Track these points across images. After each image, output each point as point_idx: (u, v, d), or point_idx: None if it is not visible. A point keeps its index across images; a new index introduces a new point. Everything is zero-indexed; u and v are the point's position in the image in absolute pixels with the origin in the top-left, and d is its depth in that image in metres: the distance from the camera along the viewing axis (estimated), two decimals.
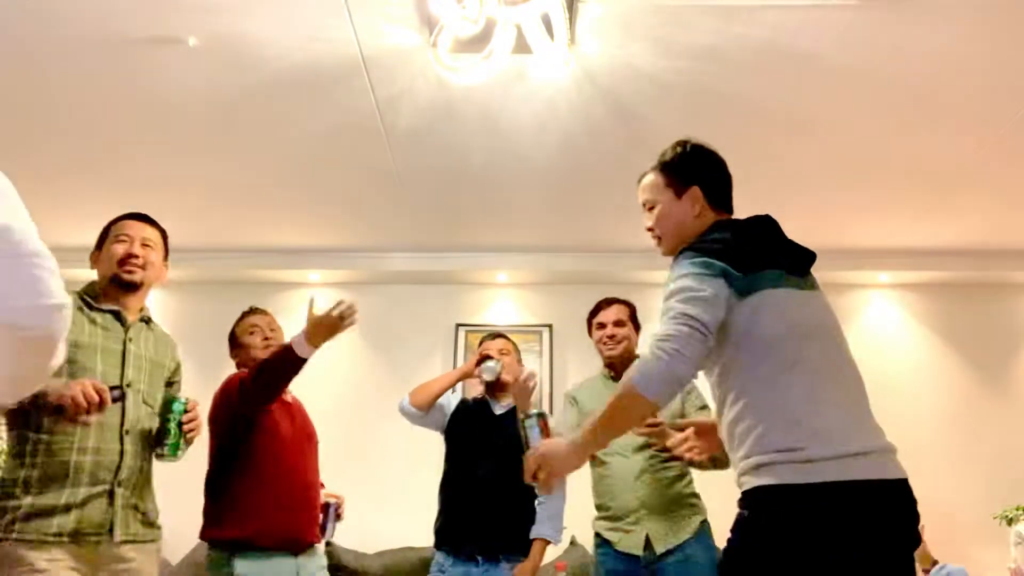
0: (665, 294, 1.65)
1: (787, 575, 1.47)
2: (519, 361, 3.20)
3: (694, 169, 1.88)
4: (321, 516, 2.75)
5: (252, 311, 2.91)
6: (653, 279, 4.55)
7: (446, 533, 2.96)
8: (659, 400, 1.58)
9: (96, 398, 1.92)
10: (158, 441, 2.21)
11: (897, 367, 4.77)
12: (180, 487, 2.71)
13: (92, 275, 2.40)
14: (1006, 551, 3.98)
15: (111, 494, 2.13)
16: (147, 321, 2.39)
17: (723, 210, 1.87)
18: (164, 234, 2.42)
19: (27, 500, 2.02)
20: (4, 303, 1.15)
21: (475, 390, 3.30)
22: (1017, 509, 4.16)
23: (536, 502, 2.93)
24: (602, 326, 2.95)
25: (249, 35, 2.81)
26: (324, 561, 2.74)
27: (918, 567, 3.47)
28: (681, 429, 2.10)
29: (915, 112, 3.25)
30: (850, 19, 2.69)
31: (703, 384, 1.95)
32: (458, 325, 4.86)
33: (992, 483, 4.40)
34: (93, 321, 2.23)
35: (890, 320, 4.90)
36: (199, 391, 2.62)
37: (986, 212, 4.19)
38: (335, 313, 2.43)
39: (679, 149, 1.94)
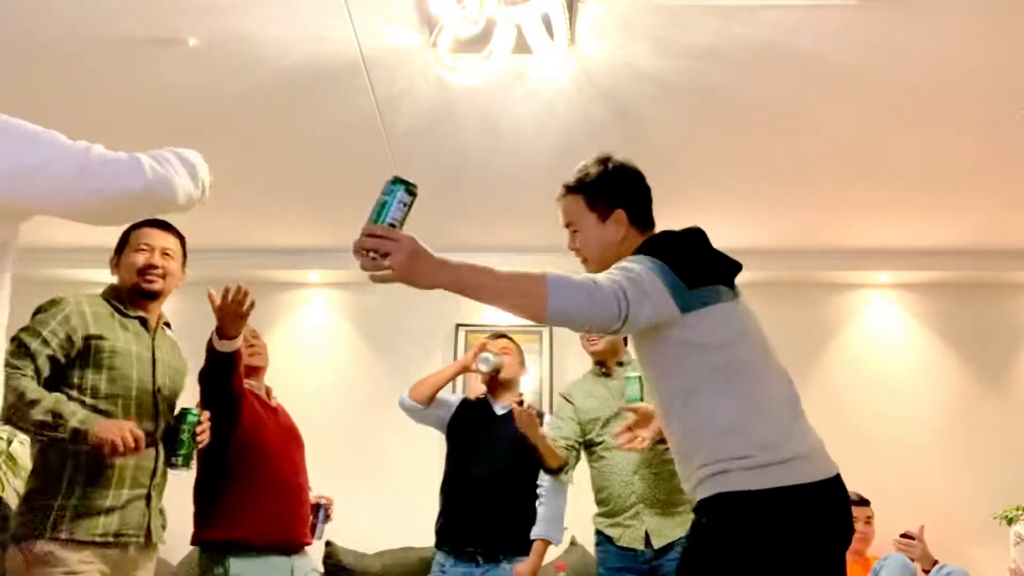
0: (615, 265, 1.64)
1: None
2: (521, 363, 3.20)
3: (617, 191, 1.84)
4: (311, 517, 2.77)
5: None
6: None
7: (447, 533, 2.96)
8: (552, 312, 1.54)
9: (133, 444, 2.00)
10: (171, 451, 2.24)
11: (897, 367, 4.76)
12: (180, 488, 2.71)
13: (91, 275, 2.44)
14: (1006, 551, 3.98)
15: (148, 498, 2.20)
16: (167, 325, 2.48)
17: (647, 228, 1.85)
18: (183, 240, 2.46)
19: (72, 501, 2.05)
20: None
21: (477, 390, 3.30)
22: (1017, 509, 4.15)
23: (537, 503, 2.93)
24: None
25: (249, 35, 2.81)
26: (317, 564, 2.76)
27: (919, 568, 3.47)
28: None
29: (915, 112, 3.25)
30: (850, 19, 2.69)
31: None
32: (458, 325, 4.86)
33: (992, 483, 4.40)
34: (125, 328, 2.27)
35: (890, 320, 4.89)
36: (199, 391, 2.63)
37: (986, 212, 4.19)
38: (229, 300, 2.37)
39: (601, 169, 1.89)
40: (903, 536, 3.47)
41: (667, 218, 2.33)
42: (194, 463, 2.30)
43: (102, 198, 1.35)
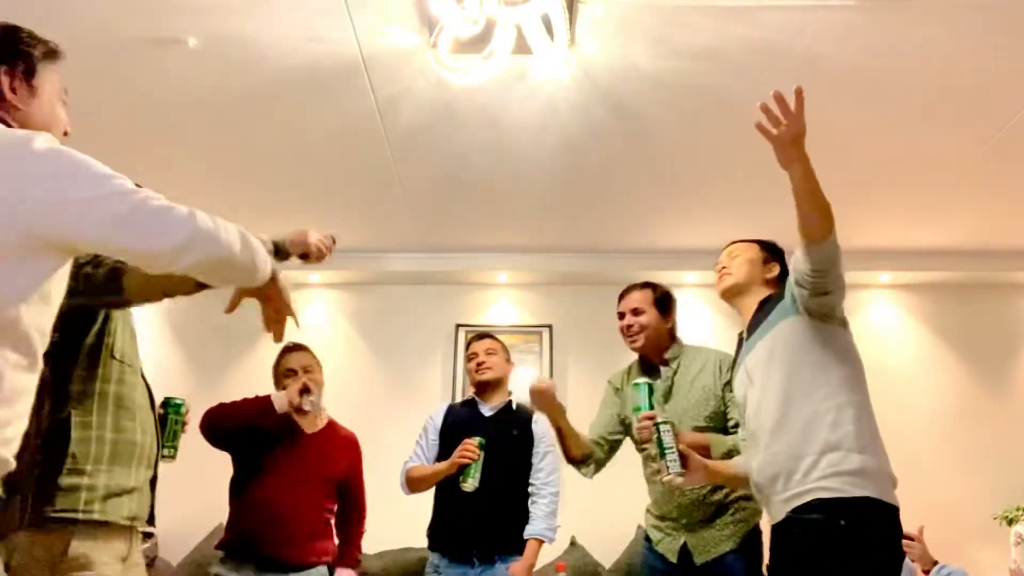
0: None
1: None
2: (508, 360, 3.17)
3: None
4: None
5: (290, 348, 2.98)
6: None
7: (440, 535, 2.95)
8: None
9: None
10: (161, 443, 2.19)
11: (897, 367, 4.76)
12: (181, 488, 2.71)
13: None
14: (1006, 551, 3.97)
15: (154, 479, 2.03)
16: None
17: None
18: None
19: (101, 479, 1.84)
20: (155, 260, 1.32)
21: (470, 390, 3.29)
22: (1017, 509, 4.16)
23: (530, 501, 2.92)
24: (621, 316, 2.73)
25: (249, 36, 2.81)
26: None
27: (918, 568, 3.46)
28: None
29: (915, 112, 3.25)
30: (850, 19, 2.69)
31: None
32: (458, 326, 4.86)
33: (992, 483, 4.40)
34: None
35: (890, 320, 4.90)
36: (200, 391, 2.63)
37: (986, 212, 4.19)
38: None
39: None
40: (902, 537, 3.46)
41: (667, 217, 2.33)
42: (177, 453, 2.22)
43: (146, 244, 1.32)
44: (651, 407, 2.29)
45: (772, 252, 2.33)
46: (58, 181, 1.27)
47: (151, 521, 2.04)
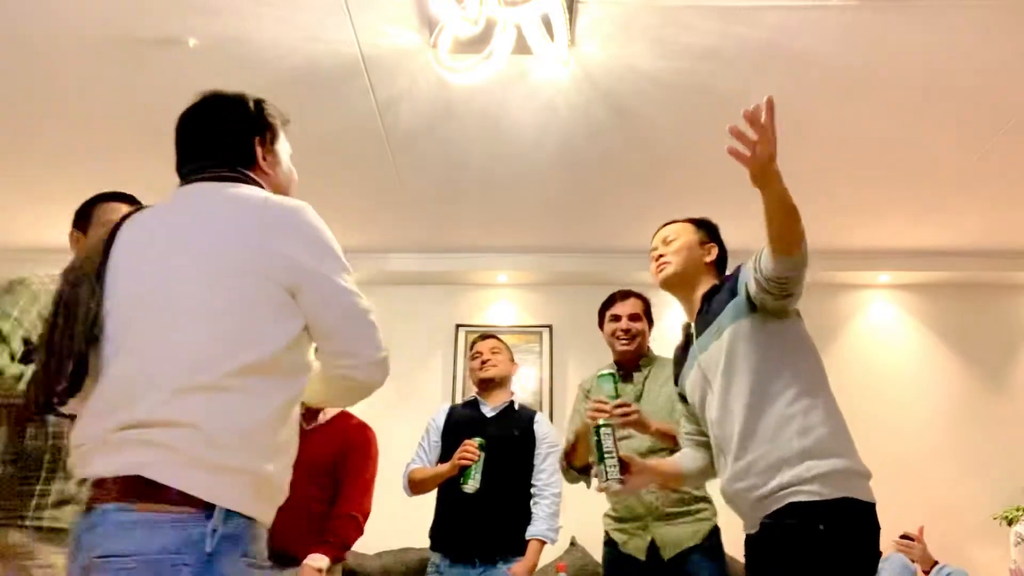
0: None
1: None
2: (512, 359, 3.18)
3: None
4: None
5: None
6: (648, 281, 4.55)
7: (442, 535, 2.95)
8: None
9: None
10: None
11: (897, 367, 4.77)
12: None
13: None
14: (1006, 551, 3.97)
15: None
16: None
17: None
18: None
19: (55, 486, 1.97)
20: (348, 359, 1.44)
21: (471, 390, 3.29)
22: (1017, 510, 4.16)
23: (532, 502, 2.92)
24: (616, 318, 2.78)
25: (249, 36, 2.81)
26: None
27: (918, 568, 3.46)
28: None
29: (915, 113, 3.25)
30: (850, 19, 2.69)
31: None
32: (458, 326, 4.86)
33: (992, 483, 4.40)
34: None
35: (890, 320, 4.90)
36: None
37: (986, 212, 4.19)
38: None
39: None
40: (902, 537, 3.47)
41: (666, 218, 2.33)
42: None
43: (366, 350, 1.45)
44: (616, 396, 2.25)
45: (709, 232, 2.27)
46: (324, 261, 1.40)
47: None
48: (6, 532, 1.94)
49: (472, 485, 2.76)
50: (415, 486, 3.00)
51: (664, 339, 2.66)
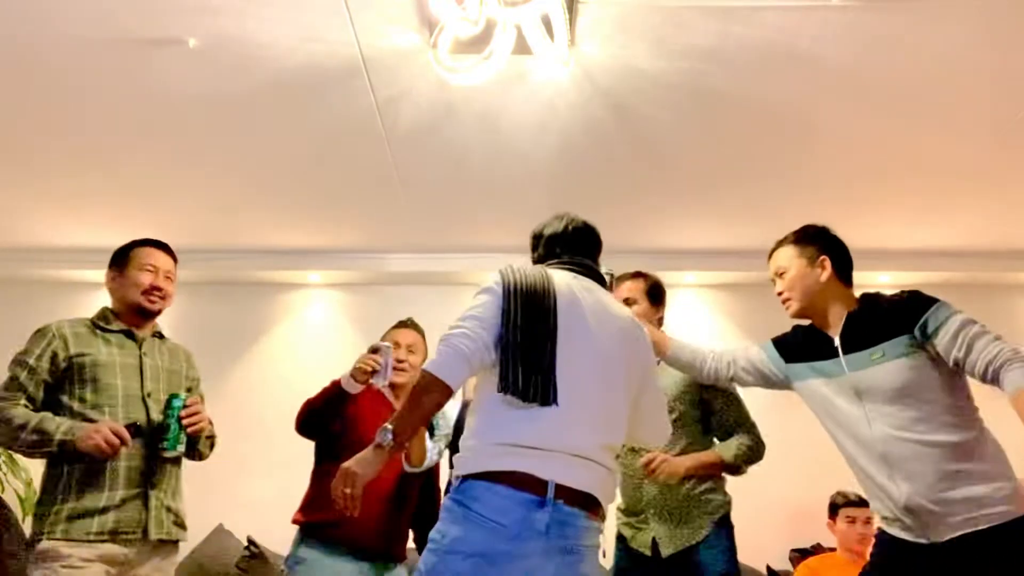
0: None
1: None
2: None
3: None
4: (379, 359, 2.59)
5: (400, 324, 3.02)
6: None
7: None
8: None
9: (117, 441, 2.15)
10: (159, 436, 2.30)
11: None
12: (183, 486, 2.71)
13: (91, 275, 2.47)
14: None
15: (145, 496, 2.28)
16: (159, 336, 2.56)
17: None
18: (176, 262, 2.63)
19: (69, 504, 2.19)
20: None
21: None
22: None
23: None
24: None
25: (249, 36, 2.81)
26: None
27: None
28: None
29: (915, 112, 3.25)
30: (850, 19, 2.69)
31: None
32: None
33: None
34: (108, 341, 2.39)
35: None
36: (202, 390, 2.63)
37: (986, 212, 4.19)
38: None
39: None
40: None
41: (666, 217, 2.33)
42: (182, 446, 2.34)
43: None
44: None
45: (813, 242, 2.32)
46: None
47: (146, 531, 2.32)
48: (36, 544, 2.21)
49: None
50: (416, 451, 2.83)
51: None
